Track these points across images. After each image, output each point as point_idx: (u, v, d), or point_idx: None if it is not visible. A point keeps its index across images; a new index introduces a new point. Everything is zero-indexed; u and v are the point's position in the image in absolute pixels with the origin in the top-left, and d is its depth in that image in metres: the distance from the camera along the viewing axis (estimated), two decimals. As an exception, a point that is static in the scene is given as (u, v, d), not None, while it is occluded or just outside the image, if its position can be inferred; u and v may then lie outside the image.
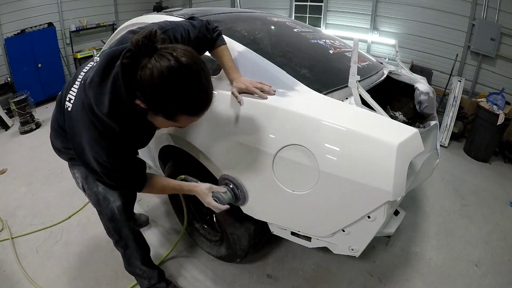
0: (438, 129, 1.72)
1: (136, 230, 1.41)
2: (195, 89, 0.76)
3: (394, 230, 1.35)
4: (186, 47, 0.78)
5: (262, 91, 1.16)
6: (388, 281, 1.71)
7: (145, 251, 1.49)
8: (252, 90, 1.15)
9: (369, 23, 4.48)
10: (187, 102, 0.78)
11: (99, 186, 1.23)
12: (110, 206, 1.24)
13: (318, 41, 1.81)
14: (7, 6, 4.46)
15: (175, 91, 0.74)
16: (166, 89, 0.73)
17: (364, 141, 0.99)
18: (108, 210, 1.25)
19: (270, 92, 1.17)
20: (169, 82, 0.72)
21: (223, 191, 1.24)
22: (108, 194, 1.24)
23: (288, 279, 1.71)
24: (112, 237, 1.38)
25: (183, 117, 0.82)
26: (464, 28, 3.71)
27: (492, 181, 2.85)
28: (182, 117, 0.81)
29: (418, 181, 1.30)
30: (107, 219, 1.28)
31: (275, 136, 1.12)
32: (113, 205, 1.24)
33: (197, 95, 0.79)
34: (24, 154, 3.20)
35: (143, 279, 1.52)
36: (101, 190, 1.24)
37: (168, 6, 6.38)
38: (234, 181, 1.25)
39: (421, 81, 1.87)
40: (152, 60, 0.71)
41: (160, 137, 1.61)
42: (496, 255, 1.94)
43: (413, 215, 2.24)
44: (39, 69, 4.62)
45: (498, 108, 3.13)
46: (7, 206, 2.35)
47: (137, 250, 1.42)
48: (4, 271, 1.78)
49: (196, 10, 2.06)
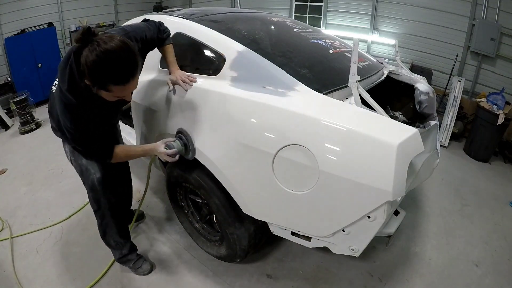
0: (438, 129, 1.72)
1: (113, 201, 1.54)
2: (116, 65, 0.99)
3: (394, 230, 1.36)
4: (114, 36, 1.01)
5: (186, 82, 1.42)
6: (388, 281, 1.71)
7: (121, 223, 1.65)
8: (179, 82, 1.43)
9: (369, 23, 4.48)
10: (113, 75, 1.00)
11: (83, 159, 1.43)
12: (91, 177, 1.45)
13: (318, 41, 1.81)
14: (7, 6, 4.47)
15: (101, 68, 0.97)
16: (95, 67, 0.97)
17: (364, 141, 0.99)
18: (89, 180, 1.45)
19: (189, 84, 1.42)
20: (96, 62, 0.96)
21: (173, 140, 1.38)
22: (90, 166, 1.44)
23: (288, 279, 1.71)
24: (92, 207, 1.55)
25: (115, 87, 1.03)
26: (464, 28, 3.71)
27: (492, 181, 2.85)
28: (114, 87, 1.03)
29: (418, 181, 1.30)
30: (89, 189, 1.49)
31: (275, 136, 1.12)
32: (94, 177, 1.44)
33: (119, 69, 1.01)
34: (24, 154, 3.19)
35: (116, 250, 1.69)
36: (84, 162, 1.44)
37: (168, 6, 6.38)
38: (185, 134, 1.39)
39: (421, 81, 1.87)
40: (87, 48, 0.96)
41: (160, 136, 1.61)
42: (496, 255, 1.94)
43: (413, 215, 2.24)
44: (39, 69, 4.61)
45: (498, 108, 3.13)
46: (7, 206, 2.35)
47: (112, 221, 1.58)
48: (4, 271, 1.78)
49: (196, 10, 2.06)
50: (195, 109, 1.40)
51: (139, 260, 1.74)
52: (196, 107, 1.40)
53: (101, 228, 1.61)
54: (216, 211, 1.48)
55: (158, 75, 1.69)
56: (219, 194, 1.41)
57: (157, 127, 1.66)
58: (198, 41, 1.58)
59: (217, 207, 1.45)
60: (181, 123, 1.44)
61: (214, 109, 1.34)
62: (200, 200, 1.71)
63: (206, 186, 1.45)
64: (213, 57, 1.53)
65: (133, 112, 1.90)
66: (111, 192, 1.52)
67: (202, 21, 1.68)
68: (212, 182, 1.42)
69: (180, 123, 1.45)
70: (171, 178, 1.71)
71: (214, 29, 1.57)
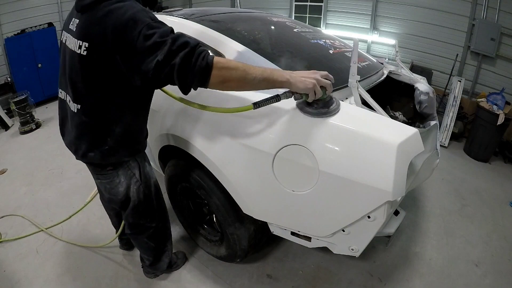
0: (438, 129, 1.72)
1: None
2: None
3: (394, 230, 1.36)
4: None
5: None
6: (388, 281, 1.71)
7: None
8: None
9: (369, 23, 4.48)
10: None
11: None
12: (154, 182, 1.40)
13: (318, 41, 1.81)
14: (7, 6, 4.46)
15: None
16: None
17: (364, 141, 0.99)
18: (153, 187, 1.39)
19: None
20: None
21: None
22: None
23: (288, 279, 1.71)
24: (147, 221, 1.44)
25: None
26: (464, 28, 3.71)
27: (492, 181, 2.85)
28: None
29: (418, 181, 1.30)
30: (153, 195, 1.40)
31: (274, 136, 1.12)
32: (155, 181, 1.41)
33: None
34: (24, 154, 3.19)
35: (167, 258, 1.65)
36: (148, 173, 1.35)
37: (168, 6, 6.38)
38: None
39: (421, 81, 1.87)
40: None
41: (160, 137, 1.61)
42: (496, 255, 1.95)
43: (413, 215, 2.24)
44: (39, 69, 4.61)
45: (498, 108, 3.13)
46: (7, 206, 2.35)
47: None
48: (4, 271, 1.78)
49: (196, 10, 2.06)
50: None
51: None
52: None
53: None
54: (216, 211, 1.48)
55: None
56: (219, 194, 1.41)
57: (157, 127, 1.66)
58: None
59: (217, 207, 1.45)
60: (181, 123, 1.44)
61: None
62: (200, 200, 1.71)
63: (206, 186, 1.45)
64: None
65: (133, 112, 1.89)
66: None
67: (202, 21, 1.68)
68: (212, 182, 1.42)
69: (180, 123, 1.45)
70: (171, 178, 1.71)
71: (214, 29, 1.57)
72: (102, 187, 1.34)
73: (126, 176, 1.26)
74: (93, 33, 0.96)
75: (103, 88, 1.03)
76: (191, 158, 1.44)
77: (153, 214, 1.44)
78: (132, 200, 1.32)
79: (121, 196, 1.30)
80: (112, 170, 1.23)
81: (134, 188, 1.30)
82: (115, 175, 1.25)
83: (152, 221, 1.44)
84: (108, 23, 0.92)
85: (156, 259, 1.59)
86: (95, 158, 1.14)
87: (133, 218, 1.40)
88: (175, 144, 1.51)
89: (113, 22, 0.92)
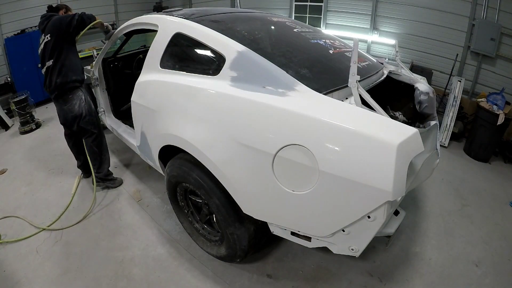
0: (438, 129, 1.72)
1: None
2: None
3: (394, 230, 1.35)
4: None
5: None
6: (388, 281, 1.71)
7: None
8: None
9: (369, 23, 4.48)
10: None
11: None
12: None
13: (318, 41, 1.81)
14: (7, 6, 4.47)
15: None
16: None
17: (364, 141, 0.99)
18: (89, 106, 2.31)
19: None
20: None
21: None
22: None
23: (288, 279, 1.71)
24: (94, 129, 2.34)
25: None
26: (464, 28, 3.71)
27: (492, 181, 2.84)
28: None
29: (418, 181, 1.30)
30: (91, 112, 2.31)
31: (274, 136, 1.12)
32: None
33: None
34: (24, 154, 3.19)
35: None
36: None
37: (168, 6, 6.38)
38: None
39: (421, 81, 1.87)
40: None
41: (160, 137, 1.61)
42: (496, 255, 1.94)
43: (413, 215, 2.24)
44: (39, 69, 4.58)
45: (498, 108, 3.13)
46: (7, 206, 2.35)
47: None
48: (4, 271, 1.78)
49: (196, 10, 2.06)
50: (195, 109, 1.40)
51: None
52: (196, 107, 1.40)
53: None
54: (216, 211, 1.48)
55: (158, 75, 1.69)
56: (219, 194, 1.42)
57: (157, 127, 1.66)
58: (198, 41, 1.58)
59: (217, 207, 1.45)
60: (181, 123, 1.44)
61: (214, 109, 1.34)
62: (200, 200, 1.71)
63: (206, 186, 1.45)
64: (213, 57, 1.53)
65: (133, 112, 1.90)
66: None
67: (202, 21, 1.68)
68: (212, 182, 1.42)
69: (180, 123, 1.45)
70: (171, 178, 1.71)
71: (214, 29, 1.57)
72: (62, 112, 2.28)
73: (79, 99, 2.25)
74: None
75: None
76: (191, 158, 1.44)
77: (94, 123, 2.33)
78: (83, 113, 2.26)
79: (76, 111, 2.23)
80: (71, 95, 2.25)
81: (83, 105, 2.25)
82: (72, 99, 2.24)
83: (95, 128, 2.33)
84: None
85: (100, 165, 2.41)
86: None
87: (84, 125, 2.27)
88: (175, 144, 1.51)
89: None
